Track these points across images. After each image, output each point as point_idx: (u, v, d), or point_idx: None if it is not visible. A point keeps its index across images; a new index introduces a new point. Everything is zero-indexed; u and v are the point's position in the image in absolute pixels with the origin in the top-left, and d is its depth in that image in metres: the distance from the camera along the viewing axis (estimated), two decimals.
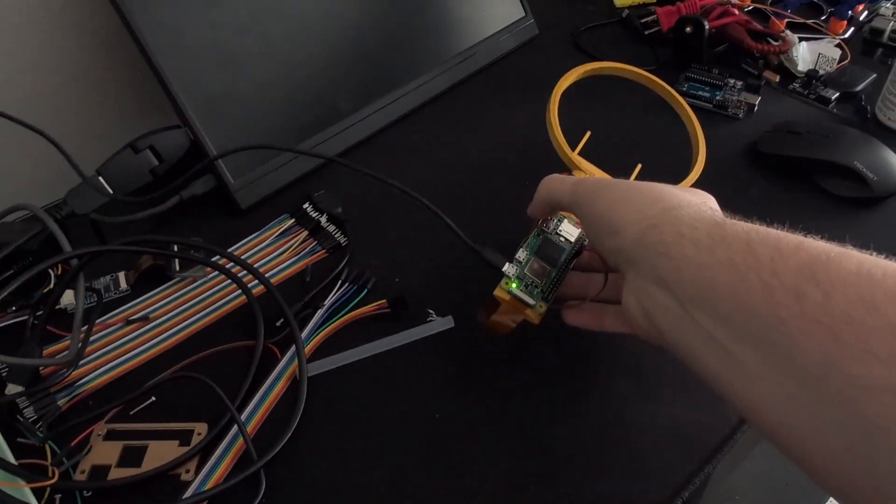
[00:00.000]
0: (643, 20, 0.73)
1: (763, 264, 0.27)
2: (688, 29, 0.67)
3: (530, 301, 0.39)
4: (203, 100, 0.53)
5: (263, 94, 0.56)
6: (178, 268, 0.49)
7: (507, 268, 0.40)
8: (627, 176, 0.45)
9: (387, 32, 0.64)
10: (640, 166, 0.47)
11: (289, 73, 0.57)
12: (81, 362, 0.44)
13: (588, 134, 0.48)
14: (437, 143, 0.62)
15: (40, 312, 0.46)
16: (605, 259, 0.37)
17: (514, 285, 0.39)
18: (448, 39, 0.68)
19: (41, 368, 0.43)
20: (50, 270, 0.49)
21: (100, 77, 0.59)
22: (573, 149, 0.47)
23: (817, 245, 0.27)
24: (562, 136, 0.47)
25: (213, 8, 0.53)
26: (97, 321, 0.46)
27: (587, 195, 0.36)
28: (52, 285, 0.49)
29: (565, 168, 0.47)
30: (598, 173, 0.45)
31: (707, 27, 0.66)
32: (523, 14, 0.74)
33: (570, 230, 0.42)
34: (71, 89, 0.57)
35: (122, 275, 0.50)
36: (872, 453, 0.23)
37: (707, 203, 0.34)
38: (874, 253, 0.26)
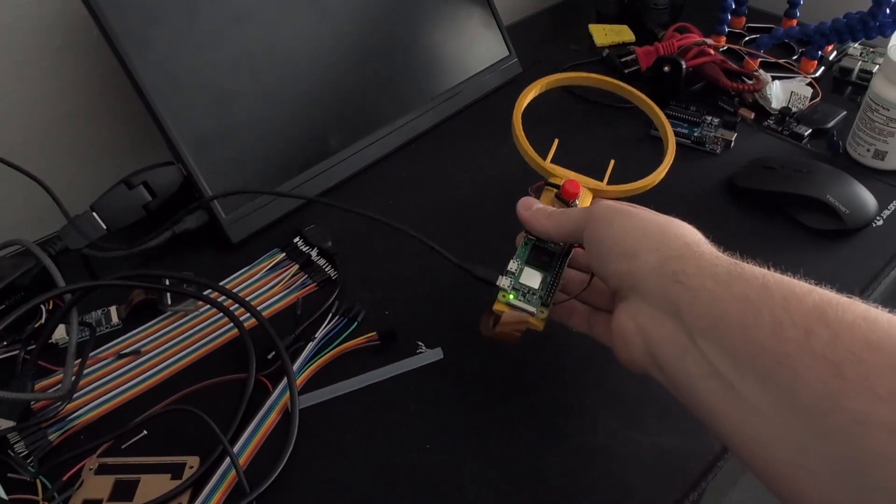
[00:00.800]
0: (623, 59, 0.76)
1: (776, 301, 0.28)
2: (666, 68, 0.69)
3: (530, 309, 0.39)
4: (196, 138, 0.54)
5: (255, 131, 0.57)
6: (169, 301, 0.50)
7: (501, 280, 0.40)
8: (601, 174, 0.46)
9: (374, 71, 0.65)
10: (613, 162, 0.47)
11: (280, 112, 0.59)
12: (73, 396, 0.44)
13: (556, 141, 0.47)
14: (425, 179, 0.63)
15: (31, 347, 0.47)
16: (603, 280, 0.37)
17: (511, 296, 0.40)
18: (435, 78, 0.70)
19: (32, 403, 0.43)
20: (41, 305, 0.49)
21: (94, 115, 0.60)
22: (544, 158, 0.46)
23: (829, 292, 0.28)
24: (530, 147, 0.46)
25: (207, 49, 0.55)
26: (90, 355, 0.46)
27: (604, 216, 0.36)
28: (42, 320, 0.49)
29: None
30: (573, 177, 0.45)
31: (684, 66, 0.68)
32: (507, 53, 0.76)
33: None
34: (65, 126, 0.59)
35: (113, 309, 0.51)
36: (867, 489, 0.23)
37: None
38: (879, 306, 0.27)
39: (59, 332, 0.48)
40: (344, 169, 0.62)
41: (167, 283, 0.50)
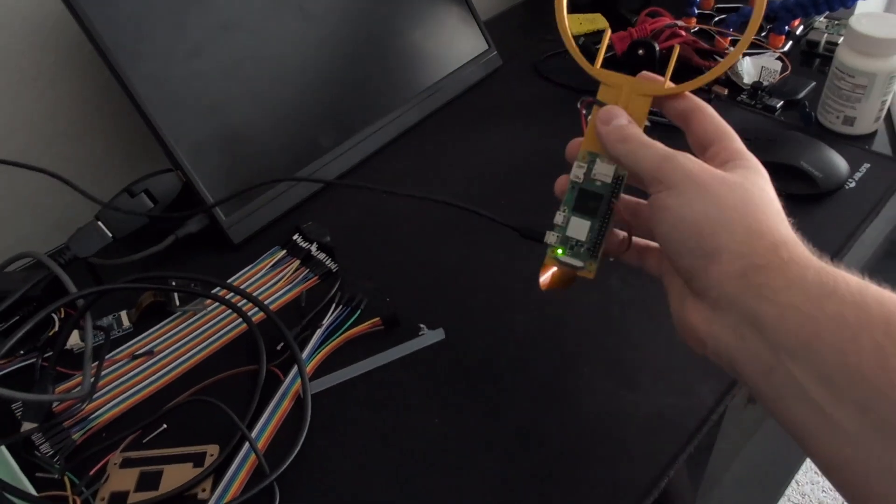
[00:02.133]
0: (597, 45, 0.78)
1: (876, 324, 0.25)
2: (640, 51, 0.71)
3: (579, 264, 0.38)
4: (193, 144, 0.56)
5: (248, 135, 0.59)
6: (178, 302, 0.52)
7: (548, 237, 0.39)
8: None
9: (359, 71, 0.67)
10: (677, 47, 0.40)
11: (271, 115, 0.61)
12: (93, 397, 0.46)
13: (608, 33, 0.41)
14: (415, 172, 0.65)
15: (48, 354, 0.48)
16: (672, 264, 0.33)
17: (559, 251, 0.39)
18: (418, 74, 0.72)
19: (54, 405, 0.45)
20: (53, 315, 0.51)
21: (91, 127, 0.62)
22: (592, 62, 0.39)
23: None
24: (577, 50, 0.40)
25: (197, 59, 0.57)
26: (106, 357, 0.48)
27: (682, 187, 0.32)
28: (56, 328, 0.51)
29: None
30: (629, 82, 0.37)
31: (657, 49, 0.71)
32: (487, 47, 0.79)
33: (604, 171, 0.38)
34: (63, 140, 0.60)
35: (123, 314, 0.52)
36: None
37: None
38: None
39: (74, 339, 0.50)
40: (336, 167, 0.64)
41: (174, 284, 0.52)
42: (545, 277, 0.40)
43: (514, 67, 0.80)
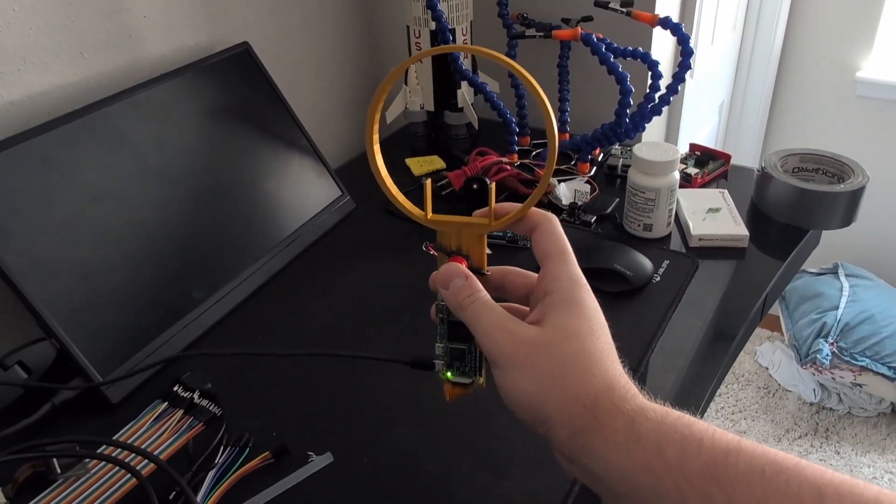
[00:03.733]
0: (439, 183, 0.89)
1: (673, 467, 0.31)
2: (474, 186, 0.83)
3: (467, 381, 0.43)
4: (66, 312, 0.58)
5: (123, 297, 0.62)
6: (59, 469, 0.52)
7: (437, 365, 0.43)
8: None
9: (224, 226, 0.73)
10: (493, 185, 0.42)
11: (144, 275, 0.64)
12: None
13: (428, 183, 0.42)
14: (285, 314, 0.70)
15: None
16: None
17: (448, 375, 0.43)
18: (278, 224, 0.78)
19: None
20: None
21: None
22: (420, 206, 0.42)
23: (714, 442, 0.31)
24: (402, 197, 0.42)
25: (67, 230, 0.60)
26: None
27: (502, 366, 0.37)
28: None
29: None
30: (459, 225, 0.41)
31: (489, 182, 0.82)
32: (340, 193, 0.87)
33: None
34: None
35: None
36: None
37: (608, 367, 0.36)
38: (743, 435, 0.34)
39: None
40: (211, 315, 0.68)
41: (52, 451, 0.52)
42: (446, 393, 0.44)
43: (367, 209, 0.89)
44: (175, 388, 0.59)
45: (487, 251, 0.42)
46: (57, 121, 0.62)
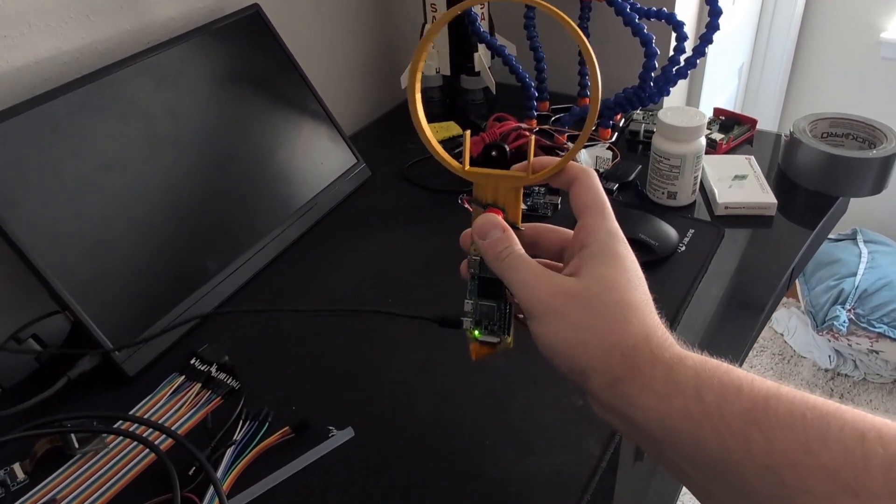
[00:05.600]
0: (457, 150, 0.87)
1: (712, 412, 0.31)
2: (493, 153, 0.80)
3: (495, 340, 0.42)
4: (79, 284, 0.56)
5: (136, 268, 0.61)
6: (76, 444, 0.51)
7: (465, 323, 0.43)
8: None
9: (238, 196, 0.71)
10: (533, 137, 0.43)
11: (157, 246, 0.63)
12: None
13: (468, 133, 0.43)
14: (302, 284, 0.69)
15: None
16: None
17: (476, 333, 0.42)
18: (293, 193, 0.77)
19: None
20: None
21: None
22: (458, 158, 0.42)
23: (753, 388, 0.31)
24: (441, 149, 0.42)
25: (78, 200, 0.58)
26: None
27: (542, 317, 0.36)
28: None
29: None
30: (497, 178, 0.41)
31: (508, 149, 0.80)
32: (356, 161, 0.85)
33: None
34: None
35: (17, 466, 0.51)
36: None
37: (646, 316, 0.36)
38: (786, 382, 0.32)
39: None
40: (225, 288, 0.66)
41: (70, 425, 0.51)
42: (472, 352, 0.44)
43: (383, 176, 0.87)
44: (192, 362, 0.58)
45: (522, 207, 0.41)
46: (65, 87, 0.60)
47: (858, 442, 0.28)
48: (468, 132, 0.43)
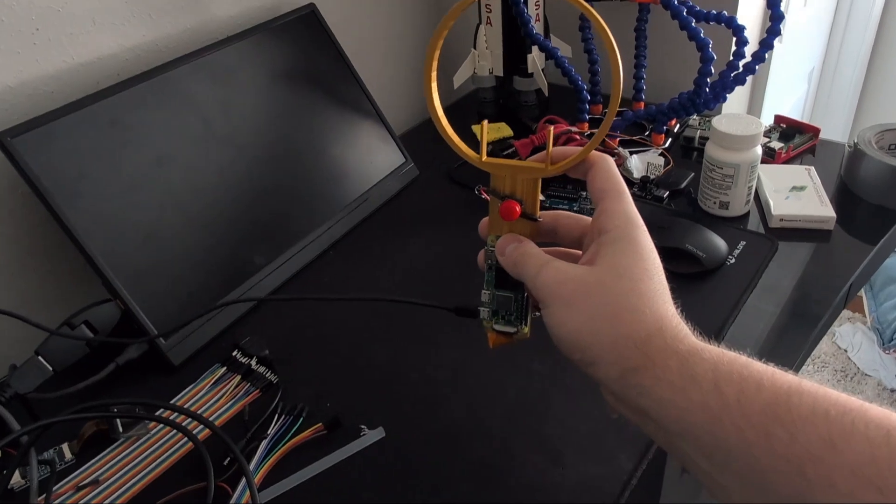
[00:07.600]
0: (505, 152, 0.87)
1: (732, 406, 0.30)
2: None
3: (512, 330, 0.42)
4: (131, 273, 0.59)
5: (185, 260, 0.63)
6: (121, 429, 0.53)
7: (482, 313, 0.43)
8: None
9: (288, 191, 0.73)
10: (552, 128, 0.44)
11: (206, 239, 0.65)
12: None
13: (484, 124, 0.42)
14: (347, 280, 0.70)
15: None
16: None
17: (493, 323, 0.43)
18: (343, 189, 0.78)
19: None
20: None
21: (29, 263, 0.64)
22: (476, 150, 0.41)
23: (774, 382, 0.30)
24: (456, 137, 0.41)
25: (134, 192, 0.61)
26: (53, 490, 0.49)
27: (550, 304, 0.36)
28: None
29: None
30: (514, 169, 0.40)
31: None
32: (404, 160, 0.86)
33: None
34: (2, 276, 0.62)
35: (65, 446, 0.53)
36: None
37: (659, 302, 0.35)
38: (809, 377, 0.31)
39: (15, 478, 0.50)
40: (271, 281, 0.68)
41: (116, 410, 0.53)
42: (490, 340, 0.44)
43: (430, 176, 0.87)
44: (234, 354, 0.60)
45: (541, 198, 0.41)
46: (125, 83, 0.63)
47: (885, 439, 0.27)
48: (485, 122, 0.42)
